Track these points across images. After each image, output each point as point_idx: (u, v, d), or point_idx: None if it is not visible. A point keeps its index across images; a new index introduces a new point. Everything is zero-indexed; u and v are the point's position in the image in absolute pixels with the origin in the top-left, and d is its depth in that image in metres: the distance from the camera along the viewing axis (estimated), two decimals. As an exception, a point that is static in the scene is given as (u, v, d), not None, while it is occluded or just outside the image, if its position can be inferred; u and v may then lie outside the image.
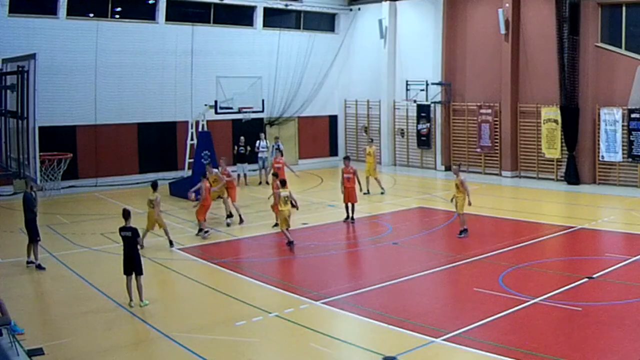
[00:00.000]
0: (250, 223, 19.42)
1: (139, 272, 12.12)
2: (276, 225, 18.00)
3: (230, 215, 19.29)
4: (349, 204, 19.29)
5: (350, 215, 19.26)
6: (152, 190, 16.43)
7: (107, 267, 14.85)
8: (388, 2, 31.35)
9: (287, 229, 16.25)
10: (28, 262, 14.84)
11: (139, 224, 18.51)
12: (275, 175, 18.79)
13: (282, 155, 23.84)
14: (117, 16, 26.96)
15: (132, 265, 12.08)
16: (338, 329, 11.24)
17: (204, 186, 17.57)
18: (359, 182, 19.89)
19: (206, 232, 17.63)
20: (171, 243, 16.47)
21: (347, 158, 20.54)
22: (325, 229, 18.07)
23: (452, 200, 17.45)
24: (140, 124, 27.44)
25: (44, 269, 14.65)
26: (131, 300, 12.04)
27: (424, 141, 30.50)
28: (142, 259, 12.41)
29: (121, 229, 12.36)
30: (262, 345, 10.46)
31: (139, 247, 12.55)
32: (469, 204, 16.89)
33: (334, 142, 34.43)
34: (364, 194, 23.09)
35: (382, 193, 23.69)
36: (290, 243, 16.14)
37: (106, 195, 24.21)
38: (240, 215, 19.30)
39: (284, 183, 16.62)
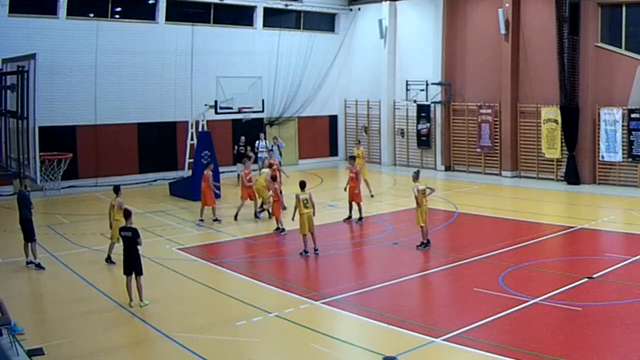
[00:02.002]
0: (250, 223, 19.43)
1: (139, 272, 12.11)
2: (277, 229, 17.96)
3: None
4: (353, 204, 19.33)
5: (359, 215, 19.24)
6: (114, 195, 15.24)
7: (107, 267, 14.85)
8: (388, 2, 31.35)
9: (305, 234, 15.50)
10: (28, 263, 14.84)
11: (139, 224, 18.57)
12: (273, 178, 18.74)
13: (280, 155, 23.86)
14: (117, 16, 26.97)
15: (132, 265, 12.08)
16: (338, 329, 11.24)
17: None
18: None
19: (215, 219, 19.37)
20: (109, 258, 15.09)
21: (352, 158, 20.64)
22: (325, 229, 18.05)
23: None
24: (140, 124, 27.46)
25: (43, 268, 14.65)
26: (131, 300, 12.04)
27: (424, 141, 30.50)
28: (142, 259, 12.41)
29: (121, 229, 12.35)
30: (262, 345, 10.46)
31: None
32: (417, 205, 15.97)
33: (334, 142, 34.44)
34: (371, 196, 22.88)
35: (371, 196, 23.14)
36: (305, 252, 15.55)
37: (106, 195, 24.10)
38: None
39: (303, 185, 16.03)
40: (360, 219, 19.21)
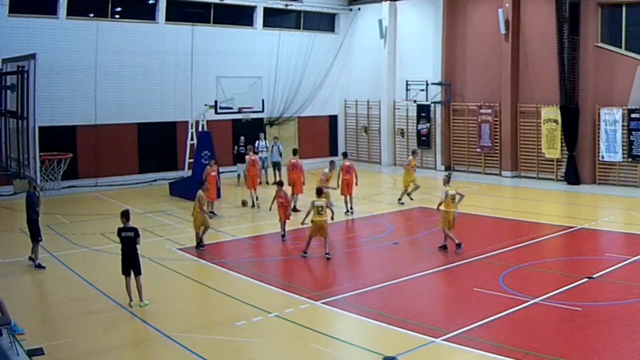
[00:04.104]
0: (251, 223, 19.43)
1: (138, 272, 12.12)
2: (284, 236, 17.31)
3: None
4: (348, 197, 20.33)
5: (349, 206, 20.28)
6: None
7: (107, 267, 14.84)
8: (388, 2, 31.35)
9: (312, 237, 15.43)
10: (30, 258, 14.90)
11: (139, 224, 18.56)
12: (279, 183, 17.88)
13: (280, 156, 23.84)
14: (117, 16, 26.96)
15: (132, 265, 12.09)
16: (338, 329, 11.24)
17: None
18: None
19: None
20: (198, 245, 16.21)
21: (344, 154, 21.57)
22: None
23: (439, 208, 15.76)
24: (140, 124, 27.43)
25: (43, 267, 14.66)
26: (131, 300, 12.04)
27: (424, 141, 30.50)
28: (140, 259, 12.40)
29: (122, 229, 12.33)
30: (262, 345, 10.46)
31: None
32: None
33: (334, 142, 34.42)
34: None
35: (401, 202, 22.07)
36: (305, 253, 15.44)
37: (106, 195, 24.22)
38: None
39: (320, 192, 15.81)
40: (350, 210, 20.03)
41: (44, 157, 21.65)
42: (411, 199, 22.08)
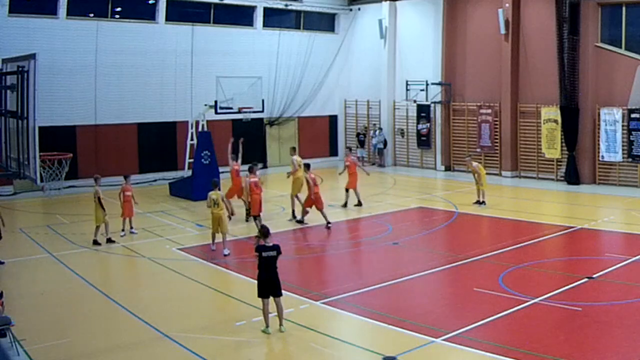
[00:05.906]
0: (251, 222, 19.39)
1: (279, 294, 10.88)
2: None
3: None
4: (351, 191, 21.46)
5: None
6: (212, 189, 15.78)
7: (107, 267, 14.86)
8: (388, 2, 31.35)
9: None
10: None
11: (139, 224, 18.60)
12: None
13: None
14: (117, 16, 26.98)
15: (273, 287, 10.79)
16: (338, 329, 11.23)
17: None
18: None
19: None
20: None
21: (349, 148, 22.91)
22: (325, 229, 18.06)
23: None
24: (140, 124, 27.45)
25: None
26: (267, 326, 10.78)
27: (424, 141, 30.50)
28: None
29: (263, 248, 10.85)
30: (262, 345, 10.46)
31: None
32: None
33: (334, 142, 34.44)
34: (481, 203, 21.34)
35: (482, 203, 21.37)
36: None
37: (106, 195, 24.04)
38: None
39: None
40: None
41: (44, 157, 21.67)
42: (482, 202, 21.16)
